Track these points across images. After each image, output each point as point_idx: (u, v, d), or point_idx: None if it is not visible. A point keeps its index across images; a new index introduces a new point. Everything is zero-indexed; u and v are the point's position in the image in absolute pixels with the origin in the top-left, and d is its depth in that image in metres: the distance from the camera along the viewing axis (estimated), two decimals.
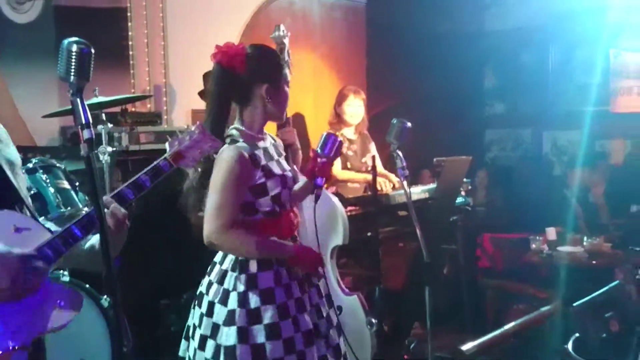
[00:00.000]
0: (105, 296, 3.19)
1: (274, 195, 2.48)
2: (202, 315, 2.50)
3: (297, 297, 2.51)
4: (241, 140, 2.48)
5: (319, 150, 2.58)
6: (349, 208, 4.11)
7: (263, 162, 2.48)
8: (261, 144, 2.54)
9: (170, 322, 4.02)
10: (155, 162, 2.04)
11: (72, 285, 3.18)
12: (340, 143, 2.61)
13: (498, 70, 7.83)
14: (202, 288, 2.55)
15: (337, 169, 4.62)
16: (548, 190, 6.29)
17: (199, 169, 2.49)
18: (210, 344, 2.44)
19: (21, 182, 2.01)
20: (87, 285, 3.24)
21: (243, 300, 2.43)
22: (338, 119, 4.77)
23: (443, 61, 6.99)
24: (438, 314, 4.35)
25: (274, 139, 2.70)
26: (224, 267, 2.50)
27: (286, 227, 2.56)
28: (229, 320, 2.42)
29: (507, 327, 4.15)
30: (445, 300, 5.10)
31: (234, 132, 2.51)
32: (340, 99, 4.76)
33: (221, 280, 2.48)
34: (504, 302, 5.25)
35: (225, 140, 2.47)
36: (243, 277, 2.45)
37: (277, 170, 2.52)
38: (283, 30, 3.25)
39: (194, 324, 2.55)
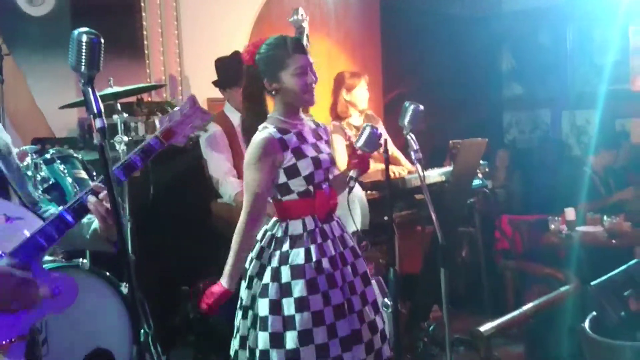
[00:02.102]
0: (125, 283, 3.23)
1: (306, 176, 2.63)
2: (244, 289, 2.72)
3: (328, 273, 2.63)
4: (272, 126, 2.64)
5: (360, 145, 2.74)
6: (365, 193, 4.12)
7: (294, 144, 2.63)
8: (295, 128, 2.68)
9: (188, 308, 4.07)
10: (145, 141, 2.08)
11: (92, 273, 3.22)
12: (380, 135, 2.77)
13: (515, 51, 7.75)
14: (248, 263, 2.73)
15: (343, 163, 4.54)
16: (567, 171, 6.24)
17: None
18: (249, 313, 2.67)
19: (11, 169, 2.01)
20: (107, 272, 3.28)
21: (275, 274, 2.61)
22: (347, 107, 4.64)
23: (459, 44, 6.95)
24: (456, 296, 4.37)
25: (316, 124, 2.84)
26: (262, 244, 2.70)
27: (320, 206, 2.69)
28: (263, 292, 2.62)
29: (525, 307, 4.16)
30: (464, 283, 5.11)
31: (268, 119, 2.69)
32: (350, 86, 4.60)
33: (259, 256, 2.69)
34: (522, 284, 5.25)
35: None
36: (277, 253, 2.64)
37: (310, 152, 2.66)
38: (302, 14, 3.24)
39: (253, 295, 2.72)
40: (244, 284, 2.73)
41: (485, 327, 3.80)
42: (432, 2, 6.91)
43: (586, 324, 3.11)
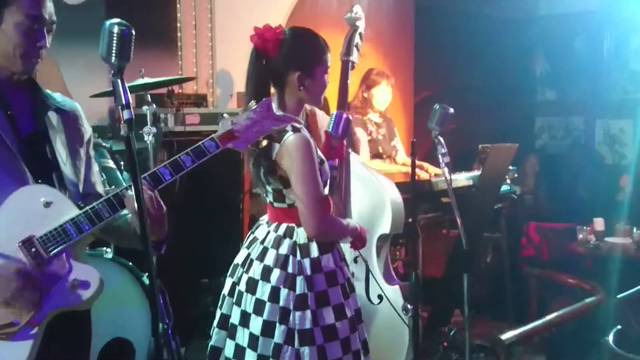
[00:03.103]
0: (147, 274, 3.25)
1: (325, 180, 2.49)
2: (261, 302, 2.45)
3: (347, 277, 2.57)
4: (299, 126, 2.42)
5: (330, 131, 2.55)
6: None
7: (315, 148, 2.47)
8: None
9: (208, 301, 4.08)
10: (201, 142, 1.96)
11: (115, 263, 3.25)
12: (348, 120, 2.56)
13: (550, 56, 7.66)
14: (252, 274, 2.49)
15: (365, 159, 4.52)
16: (599, 180, 6.16)
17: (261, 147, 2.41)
18: (280, 329, 2.41)
19: (74, 158, 2.04)
20: (130, 263, 3.31)
21: (310, 283, 2.44)
22: (365, 104, 4.63)
23: (493, 47, 6.88)
24: (479, 302, 4.33)
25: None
26: (282, 251, 2.47)
27: (329, 209, 2.57)
28: (301, 304, 2.42)
29: (548, 317, 4.11)
30: (487, 289, 5.06)
31: (285, 116, 2.42)
32: (371, 84, 4.60)
33: (283, 266, 2.45)
34: (547, 292, 5.18)
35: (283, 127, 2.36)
36: (307, 261, 2.46)
37: (322, 156, 2.52)
38: (357, 12, 3.17)
39: (243, 312, 2.49)
40: (251, 297, 2.47)
41: (506, 335, 3.76)
42: (467, 3, 6.85)
43: (610, 338, 3.06)
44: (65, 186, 1.97)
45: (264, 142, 2.20)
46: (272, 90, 2.54)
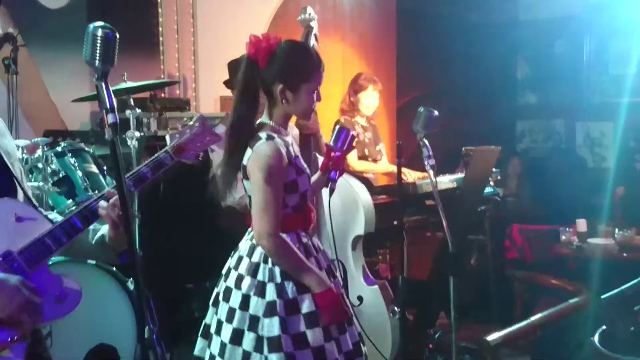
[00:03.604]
0: (131, 279, 3.22)
1: (302, 192, 2.49)
2: (232, 310, 2.47)
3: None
4: (275, 135, 2.46)
5: (332, 144, 2.62)
6: (375, 197, 4.09)
7: (293, 159, 2.48)
8: (287, 139, 2.53)
9: (193, 307, 4.05)
10: (156, 155, 2.11)
11: (98, 268, 3.22)
12: (353, 137, 2.63)
13: (531, 60, 7.71)
14: (228, 283, 2.51)
15: (353, 160, 4.60)
16: (581, 183, 6.20)
17: (226, 157, 2.50)
18: (249, 336, 2.42)
19: (18, 172, 1.99)
20: (114, 268, 3.28)
21: (281, 291, 2.43)
22: (352, 107, 4.68)
23: (474, 51, 6.93)
24: (464, 304, 4.33)
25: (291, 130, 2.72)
26: (254, 259, 2.48)
27: (309, 220, 2.58)
28: (270, 311, 2.41)
29: (533, 318, 4.11)
30: (472, 291, 5.07)
31: (265, 126, 2.50)
32: (358, 88, 4.64)
33: (254, 273, 2.46)
34: (531, 294, 5.20)
35: (259, 135, 2.45)
36: (277, 269, 2.45)
37: (303, 167, 2.53)
38: (310, 13, 3.15)
39: (218, 320, 2.52)
40: (225, 305, 2.49)
41: (492, 337, 3.75)
42: (449, 8, 6.88)
43: (596, 338, 3.07)
44: (29, 199, 1.94)
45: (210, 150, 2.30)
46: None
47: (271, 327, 2.39)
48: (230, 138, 2.48)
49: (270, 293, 2.42)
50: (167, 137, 2.15)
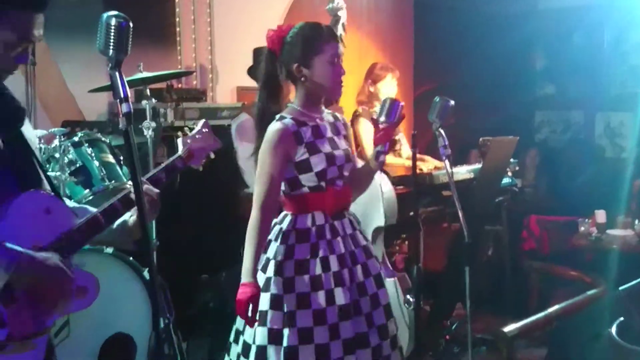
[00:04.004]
0: (147, 268, 3.24)
1: (318, 172, 2.53)
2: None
3: (335, 271, 2.52)
4: (289, 116, 2.55)
5: (383, 118, 2.62)
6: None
7: (308, 139, 2.53)
8: (313, 121, 2.58)
9: (208, 298, 4.06)
10: (170, 160, 2.23)
11: (115, 258, 3.23)
12: (402, 107, 2.64)
13: (549, 50, 7.63)
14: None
15: (370, 149, 4.53)
16: (599, 173, 6.14)
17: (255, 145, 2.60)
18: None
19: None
20: (130, 258, 3.29)
21: (279, 268, 2.52)
22: (370, 98, 4.62)
23: (492, 41, 6.86)
24: (480, 295, 4.31)
25: (335, 117, 2.72)
26: (270, 236, 2.59)
27: (330, 202, 2.58)
28: (265, 286, 2.51)
29: (550, 310, 4.09)
30: (488, 282, 5.06)
31: (287, 109, 2.60)
32: (376, 78, 4.60)
33: (266, 249, 2.57)
34: (548, 285, 5.17)
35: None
36: (282, 247, 2.54)
37: (325, 147, 2.56)
38: (338, 2, 3.18)
39: None
40: None
41: (509, 328, 3.74)
42: None
43: (613, 330, 3.04)
44: (55, 192, 1.96)
45: (212, 156, 2.45)
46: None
47: (263, 301, 2.48)
48: (256, 126, 2.62)
49: (270, 269, 2.53)
50: (179, 142, 2.21)
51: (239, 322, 2.61)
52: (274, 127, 2.52)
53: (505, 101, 7.19)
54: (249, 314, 2.39)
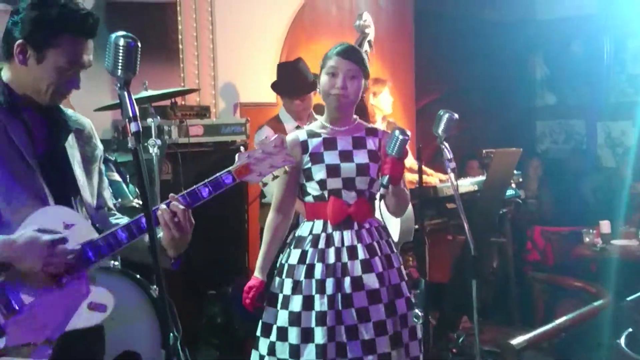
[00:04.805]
0: (155, 286, 3.23)
1: (318, 181, 2.67)
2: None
3: (318, 278, 2.63)
4: (306, 128, 2.79)
5: (387, 150, 2.62)
6: None
7: (315, 149, 2.67)
8: (330, 134, 2.71)
9: (215, 313, 4.06)
10: (218, 174, 2.03)
11: (124, 275, 3.23)
12: (405, 141, 2.61)
13: (549, 60, 7.66)
14: None
15: None
16: (601, 183, 6.15)
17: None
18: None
19: (89, 176, 2.06)
20: (138, 275, 3.28)
21: (280, 270, 2.75)
22: (373, 112, 4.58)
23: (492, 51, 6.88)
24: (486, 307, 4.31)
25: (372, 132, 2.77)
26: (287, 240, 2.81)
27: (332, 212, 2.67)
28: (272, 284, 2.76)
29: (557, 321, 4.09)
30: (493, 294, 5.05)
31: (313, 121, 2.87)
32: (375, 92, 4.60)
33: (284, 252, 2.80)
34: (553, 296, 5.17)
35: None
36: (288, 250, 2.76)
37: (330, 159, 2.67)
38: (365, 20, 3.19)
39: None
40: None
41: (516, 340, 3.74)
42: (466, 7, 6.85)
43: (622, 340, 3.05)
44: (85, 207, 1.98)
45: (276, 173, 2.21)
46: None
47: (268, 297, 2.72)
48: None
49: (284, 272, 2.72)
50: (236, 156, 2.04)
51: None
52: (288, 136, 2.68)
53: (505, 111, 7.21)
54: (247, 300, 2.70)
